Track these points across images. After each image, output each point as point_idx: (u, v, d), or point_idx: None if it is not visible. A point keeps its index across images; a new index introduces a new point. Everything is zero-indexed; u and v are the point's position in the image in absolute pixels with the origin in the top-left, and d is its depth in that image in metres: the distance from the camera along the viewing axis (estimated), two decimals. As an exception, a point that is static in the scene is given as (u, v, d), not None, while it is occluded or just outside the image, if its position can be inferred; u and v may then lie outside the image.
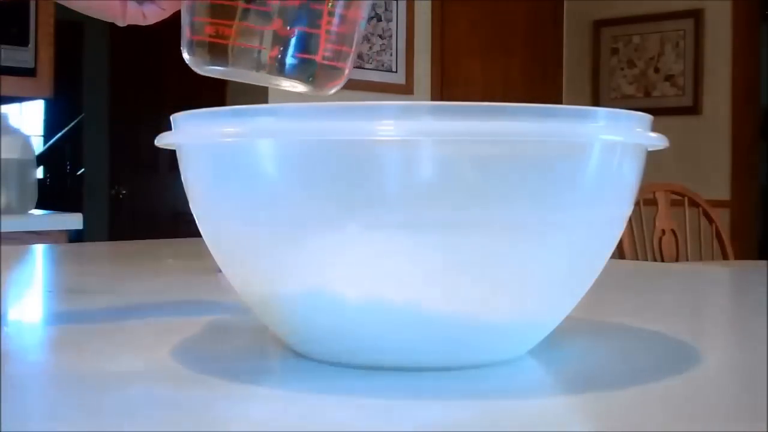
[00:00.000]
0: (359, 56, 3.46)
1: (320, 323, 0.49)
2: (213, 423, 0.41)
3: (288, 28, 0.55)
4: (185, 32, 0.58)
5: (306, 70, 0.56)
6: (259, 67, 0.56)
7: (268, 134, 0.47)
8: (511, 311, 0.49)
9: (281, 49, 0.55)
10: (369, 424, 0.41)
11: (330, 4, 0.55)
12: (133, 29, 0.71)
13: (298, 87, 0.57)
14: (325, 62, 0.56)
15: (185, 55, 0.58)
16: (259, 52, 0.56)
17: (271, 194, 0.47)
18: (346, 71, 0.57)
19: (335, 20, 0.56)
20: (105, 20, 0.67)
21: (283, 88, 0.58)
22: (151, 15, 0.66)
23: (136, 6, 0.65)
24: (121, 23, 0.66)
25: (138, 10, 0.66)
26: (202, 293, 0.86)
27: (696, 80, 3.96)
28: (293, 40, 0.55)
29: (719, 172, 3.89)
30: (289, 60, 0.55)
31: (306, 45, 0.55)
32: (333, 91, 0.58)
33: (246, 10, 0.56)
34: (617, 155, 0.49)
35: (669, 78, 4.05)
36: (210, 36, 0.57)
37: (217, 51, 0.57)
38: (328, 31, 0.56)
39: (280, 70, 0.55)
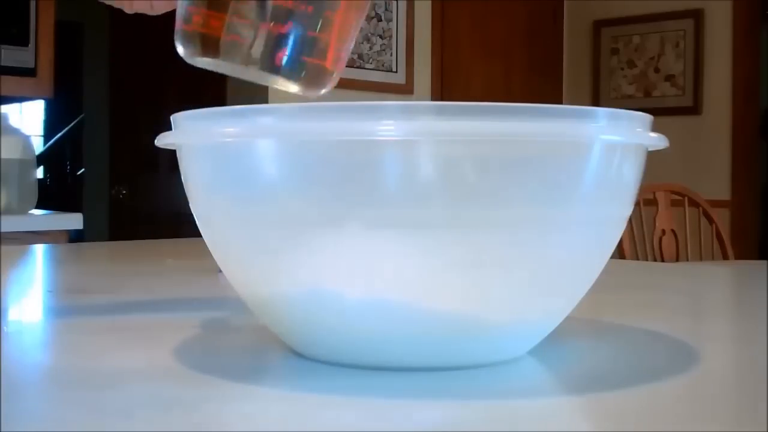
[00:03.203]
0: (359, 56, 3.46)
1: (320, 323, 0.49)
2: (213, 423, 0.41)
3: (281, 25, 0.55)
4: (178, 22, 0.58)
5: (295, 70, 0.55)
6: (248, 62, 0.56)
7: (268, 134, 0.47)
8: (511, 311, 0.49)
9: (272, 46, 0.55)
10: (369, 424, 0.41)
11: (322, 5, 0.55)
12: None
13: (287, 86, 0.56)
14: (315, 63, 0.56)
15: (177, 46, 0.58)
16: (250, 47, 0.55)
17: (271, 194, 0.47)
18: (336, 73, 0.57)
19: (328, 22, 0.55)
20: (112, 5, 0.65)
21: (272, 85, 0.57)
22: (159, 6, 0.65)
23: None
24: (128, 11, 0.65)
25: (147, 0, 0.65)
26: (202, 293, 0.86)
27: (696, 80, 3.96)
28: (285, 39, 0.55)
29: (719, 172, 3.89)
30: (279, 58, 0.55)
31: (297, 45, 0.55)
32: (323, 92, 0.57)
33: (239, 3, 0.56)
34: (617, 155, 0.49)
35: (669, 78, 4.05)
36: (201, 27, 0.56)
37: (207, 43, 0.56)
38: (320, 33, 0.55)
39: (269, 67, 0.55)
